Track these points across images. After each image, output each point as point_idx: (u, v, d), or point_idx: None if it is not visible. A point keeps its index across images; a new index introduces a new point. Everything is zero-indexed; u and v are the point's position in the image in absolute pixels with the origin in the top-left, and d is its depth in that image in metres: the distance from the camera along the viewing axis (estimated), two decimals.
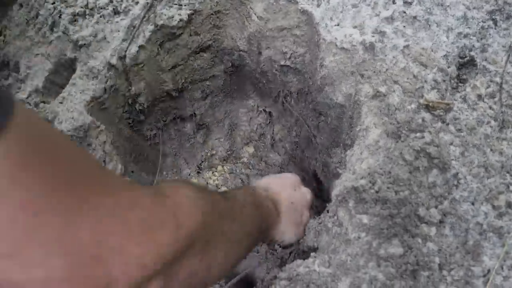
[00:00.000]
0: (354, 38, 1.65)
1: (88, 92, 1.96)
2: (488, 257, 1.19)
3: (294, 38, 2.00)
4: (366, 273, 1.18)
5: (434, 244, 1.21)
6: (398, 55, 1.57)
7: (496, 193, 1.27)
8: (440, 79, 1.49)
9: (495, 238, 1.21)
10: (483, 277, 1.17)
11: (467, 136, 1.37)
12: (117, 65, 1.99)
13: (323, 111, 1.90)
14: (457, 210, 1.26)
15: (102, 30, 2.03)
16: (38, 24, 2.15)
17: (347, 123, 1.72)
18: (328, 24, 1.72)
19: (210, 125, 2.75)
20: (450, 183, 1.29)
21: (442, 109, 1.43)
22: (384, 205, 1.25)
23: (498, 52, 1.51)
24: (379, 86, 1.52)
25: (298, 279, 1.22)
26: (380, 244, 1.20)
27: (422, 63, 1.53)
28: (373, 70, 1.57)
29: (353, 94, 1.61)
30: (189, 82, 2.35)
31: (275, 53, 2.09)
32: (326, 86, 1.75)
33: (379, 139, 1.40)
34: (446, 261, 1.19)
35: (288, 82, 2.20)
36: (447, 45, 1.56)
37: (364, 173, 1.33)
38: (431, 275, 1.17)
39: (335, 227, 1.33)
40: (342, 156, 1.80)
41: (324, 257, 1.26)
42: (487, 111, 1.41)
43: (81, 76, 2.00)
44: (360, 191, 1.29)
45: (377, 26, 1.65)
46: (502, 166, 1.31)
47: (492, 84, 1.45)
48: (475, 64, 1.50)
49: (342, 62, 1.65)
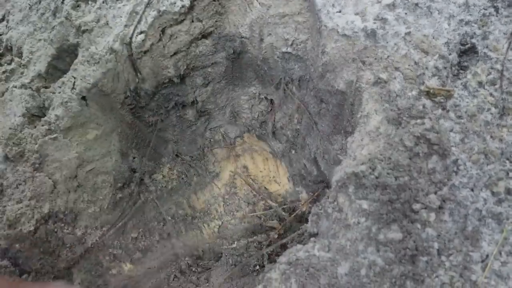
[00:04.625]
0: (355, 25, 1.65)
1: (88, 78, 1.97)
2: (486, 242, 1.20)
3: (296, 25, 1.99)
4: (365, 258, 1.19)
5: (433, 229, 1.22)
6: (399, 42, 1.57)
7: (496, 180, 1.28)
8: (441, 66, 1.50)
9: (494, 224, 1.22)
10: (482, 263, 1.18)
11: (467, 122, 1.38)
12: (122, 51, 1.99)
13: (325, 98, 1.90)
14: (457, 196, 1.26)
15: (104, 15, 2.03)
16: (41, 9, 2.15)
17: (348, 110, 1.72)
18: (330, 11, 1.72)
19: (212, 112, 2.75)
20: (450, 169, 1.30)
21: (442, 96, 1.43)
22: (384, 190, 1.26)
23: (499, 39, 1.51)
24: (380, 73, 1.52)
25: (298, 264, 1.23)
26: (380, 229, 1.21)
27: (424, 50, 1.54)
28: (374, 57, 1.57)
29: (354, 81, 1.61)
30: (191, 69, 2.35)
31: (277, 40, 2.09)
32: (328, 73, 1.75)
33: (380, 126, 1.41)
34: (445, 246, 1.20)
35: (290, 69, 2.20)
36: (449, 32, 1.56)
37: (364, 159, 1.34)
38: (429, 260, 1.18)
39: (335, 213, 1.33)
40: (343, 142, 1.80)
41: (324, 242, 1.27)
42: (487, 98, 1.41)
43: (82, 62, 2.00)
44: (360, 177, 1.30)
45: (379, 13, 1.65)
46: (502, 152, 1.32)
47: (493, 71, 1.45)
48: (476, 51, 1.50)
49: (344, 49, 1.65)
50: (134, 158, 2.30)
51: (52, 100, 1.96)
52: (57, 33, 2.07)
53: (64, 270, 1.93)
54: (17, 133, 1.88)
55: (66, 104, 1.93)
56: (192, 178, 2.66)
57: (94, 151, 2.06)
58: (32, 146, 1.85)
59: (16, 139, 1.85)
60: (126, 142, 2.27)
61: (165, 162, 2.58)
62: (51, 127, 1.90)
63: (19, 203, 1.83)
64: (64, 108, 1.92)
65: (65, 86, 1.97)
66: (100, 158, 2.08)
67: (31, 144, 1.85)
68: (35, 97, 1.98)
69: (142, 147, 2.45)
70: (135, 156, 2.32)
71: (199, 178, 2.67)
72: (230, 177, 2.72)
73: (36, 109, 1.96)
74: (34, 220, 1.84)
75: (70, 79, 1.98)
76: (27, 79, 2.05)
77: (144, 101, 2.35)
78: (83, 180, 2.03)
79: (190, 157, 2.73)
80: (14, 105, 1.92)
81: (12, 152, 1.81)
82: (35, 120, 1.94)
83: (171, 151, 2.66)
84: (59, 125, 1.89)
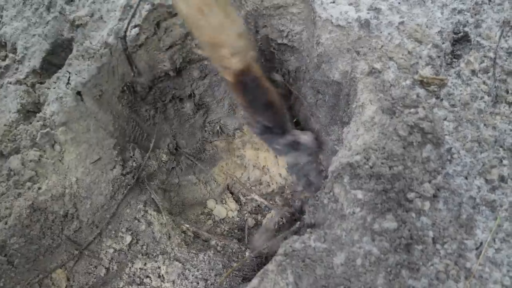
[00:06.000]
0: (349, 15, 1.65)
1: (84, 73, 1.97)
2: (480, 230, 1.21)
3: (291, 16, 1.99)
4: (361, 248, 1.20)
5: (428, 218, 1.22)
6: (393, 32, 1.57)
7: (489, 167, 1.28)
8: (434, 55, 1.50)
9: (487, 211, 1.23)
10: (476, 250, 1.18)
11: (460, 111, 1.38)
12: (116, 45, 1.99)
13: (321, 89, 1.90)
14: (451, 184, 1.27)
15: (98, 9, 2.03)
16: (35, 4, 2.15)
17: (344, 100, 1.73)
18: (324, 2, 1.72)
19: (210, 105, 2.75)
20: (444, 157, 1.31)
21: (436, 85, 1.43)
22: (378, 180, 1.26)
23: (492, 27, 1.51)
24: (374, 63, 1.53)
25: (294, 255, 1.24)
26: (375, 219, 1.22)
27: (417, 39, 1.54)
28: (369, 47, 1.57)
29: (349, 71, 1.61)
30: (187, 62, 2.35)
31: (272, 31, 2.09)
32: (323, 63, 1.76)
33: (375, 116, 1.41)
34: (439, 234, 1.20)
35: (286, 60, 2.20)
36: (442, 21, 1.56)
37: (359, 149, 1.35)
38: (424, 249, 1.18)
39: (331, 203, 1.34)
40: (339, 133, 1.81)
41: (319, 233, 1.27)
42: (480, 86, 1.42)
43: (77, 57, 2.01)
44: (355, 167, 1.31)
45: (372, 2, 1.65)
46: (495, 140, 1.32)
47: (486, 59, 1.46)
48: (469, 39, 1.51)
49: (338, 39, 1.66)
50: (133, 155, 2.30)
51: (47, 96, 1.96)
52: (51, 28, 2.07)
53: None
54: (12, 129, 1.88)
55: (61, 100, 1.93)
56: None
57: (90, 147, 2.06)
58: (27, 143, 1.85)
59: (11, 135, 1.85)
60: (123, 137, 2.27)
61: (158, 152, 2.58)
62: (46, 122, 1.90)
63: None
64: (59, 103, 1.92)
65: (60, 82, 1.98)
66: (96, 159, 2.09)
67: (26, 141, 1.85)
68: (30, 93, 1.98)
69: (140, 140, 2.45)
70: (134, 149, 2.32)
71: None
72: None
73: (31, 105, 1.97)
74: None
75: (65, 74, 1.98)
76: (22, 75, 2.05)
77: (141, 95, 2.36)
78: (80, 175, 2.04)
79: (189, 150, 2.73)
80: (9, 102, 1.92)
81: (7, 149, 1.81)
82: (30, 116, 1.94)
83: (170, 145, 2.67)
84: (54, 120, 1.89)
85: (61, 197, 1.92)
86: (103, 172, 2.08)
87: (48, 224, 1.89)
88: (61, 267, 1.93)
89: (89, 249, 2.00)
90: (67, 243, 1.94)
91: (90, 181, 2.02)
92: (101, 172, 2.07)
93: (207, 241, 2.29)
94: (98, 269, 1.98)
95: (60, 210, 1.91)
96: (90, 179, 2.02)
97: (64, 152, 1.95)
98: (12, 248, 1.79)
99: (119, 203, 2.10)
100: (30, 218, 1.82)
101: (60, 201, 1.91)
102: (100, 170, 2.07)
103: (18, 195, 1.80)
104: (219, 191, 2.67)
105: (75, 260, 1.97)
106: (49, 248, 1.91)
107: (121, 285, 1.96)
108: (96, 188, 2.04)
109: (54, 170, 1.91)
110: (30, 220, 1.83)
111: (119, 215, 2.12)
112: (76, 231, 1.99)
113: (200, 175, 2.69)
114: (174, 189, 2.56)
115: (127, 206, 2.15)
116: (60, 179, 1.92)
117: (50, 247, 1.91)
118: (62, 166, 1.94)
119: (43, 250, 1.89)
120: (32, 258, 1.86)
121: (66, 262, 1.94)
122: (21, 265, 1.83)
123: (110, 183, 2.09)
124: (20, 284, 1.81)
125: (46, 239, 1.89)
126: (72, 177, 1.96)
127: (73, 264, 1.96)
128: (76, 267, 1.97)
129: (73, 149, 1.97)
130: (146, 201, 2.21)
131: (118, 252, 2.04)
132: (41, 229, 1.87)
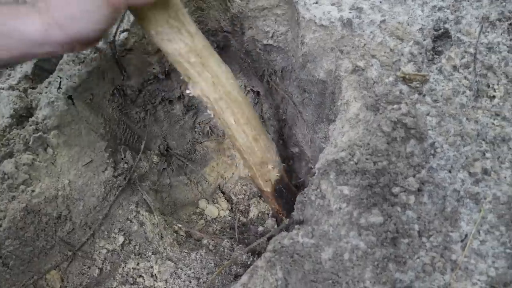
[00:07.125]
0: (332, 15, 1.68)
1: (74, 78, 1.99)
2: (465, 222, 1.22)
3: (276, 17, 2.02)
4: (348, 242, 1.21)
5: (413, 212, 1.24)
6: (375, 30, 1.60)
7: (472, 160, 1.30)
8: (416, 52, 1.52)
9: (472, 204, 1.25)
10: (461, 242, 1.20)
11: (443, 106, 1.40)
12: (106, 50, 2.01)
13: (307, 87, 1.93)
14: (435, 178, 1.29)
15: None
16: None
17: (329, 98, 1.75)
18: (307, 2, 1.75)
19: (199, 106, 2.77)
20: (427, 152, 1.33)
21: (418, 81, 1.46)
22: (363, 175, 1.28)
23: (471, 23, 1.54)
24: (357, 61, 1.55)
25: (283, 251, 1.26)
26: (361, 214, 1.24)
27: (399, 37, 1.56)
28: (352, 46, 1.60)
29: (333, 69, 1.64)
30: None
31: (258, 33, 2.11)
32: (308, 63, 1.78)
33: (359, 112, 1.43)
34: (425, 228, 1.22)
35: (272, 60, 2.22)
36: (422, 18, 1.58)
37: (344, 146, 1.37)
38: (411, 242, 1.20)
39: (318, 199, 1.36)
40: (325, 130, 1.83)
41: (307, 229, 1.29)
42: (462, 81, 1.44)
43: (68, 62, 2.02)
44: (340, 163, 1.33)
45: (354, 2, 1.67)
46: (477, 134, 1.34)
47: (467, 54, 1.48)
48: (450, 36, 1.53)
49: (322, 39, 1.68)
50: (124, 157, 2.31)
51: (39, 101, 1.98)
52: None
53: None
54: (5, 134, 1.89)
55: (53, 104, 1.94)
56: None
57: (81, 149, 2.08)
58: (20, 147, 1.86)
59: (4, 140, 1.86)
60: (114, 140, 2.29)
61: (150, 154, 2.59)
62: (39, 126, 1.91)
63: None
64: (51, 107, 1.93)
65: (51, 86, 1.99)
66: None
67: (19, 145, 1.86)
68: (22, 98, 1.99)
69: (131, 143, 2.46)
70: (124, 151, 2.33)
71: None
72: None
73: (24, 110, 1.98)
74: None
75: (56, 79, 2.00)
76: (14, 80, 2.06)
77: (131, 98, 2.37)
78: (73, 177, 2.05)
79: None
80: (2, 107, 1.93)
81: (1, 153, 1.83)
82: (23, 121, 1.95)
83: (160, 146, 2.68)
84: (47, 124, 1.91)
85: (54, 199, 1.93)
86: (95, 174, 2.10)
87: (42, 226, 1.90)
88: (55, 268, 1.94)
89: (82, 250, 2.02)
90: (60, 244, 1.96)
91: (83, 183, 2.04)
92: (93, 174, 2.09)
93: (199, 240, 2.31)
94: (91, 270, 2.00)
95: (54, 212, 1.93)
96: (82, 181, 2.04)
97: (56, 155, 1.96)
98: (7, 250, 1.81)
99: (111, 204, 2.12)
100: (24, 221, 1.84)
101: (53, 203, 1.93)
102: (92, 172, 2.08)
103: (12, 198, 1.81)
104: (211, 191, 2.69)
105: (69, 261, 1.98)
106: (43, 250, 1.92)
107: (115, 285, 1.98)
108: (89, 190, 2.06)
109: (47, 173, 1.92)
110: (24, 223, 1.84)
111: (111, 216, 2.14)
112: (70, 233, 2.00)
113: (191, 175, 2.71)
114: (166, 189, 2.58)
115: (119, 207, 2.17)
116: (53, 181, 1.93)
117: (44, 248, 1.92)
118: (54, 169, 1.96)
119: (37, 251, 1.90)
120: (27, 260, 1.88)
121: (60, 263, 1.95)
122: (15, 267, 1.84)
123: (102, 184, 2.11)
124: (15, 285, 1.82)
125: (40, 241, 1.90)
126: (64, 179, 1.97)
127: (67, 265, 1.97)
128: (70, 268, 1.98)
129: (65, 152, 1.99)
130: (138, 202, 2.23)
131: (111, 253, 2.07)
132: (35, 231, 1.88)
